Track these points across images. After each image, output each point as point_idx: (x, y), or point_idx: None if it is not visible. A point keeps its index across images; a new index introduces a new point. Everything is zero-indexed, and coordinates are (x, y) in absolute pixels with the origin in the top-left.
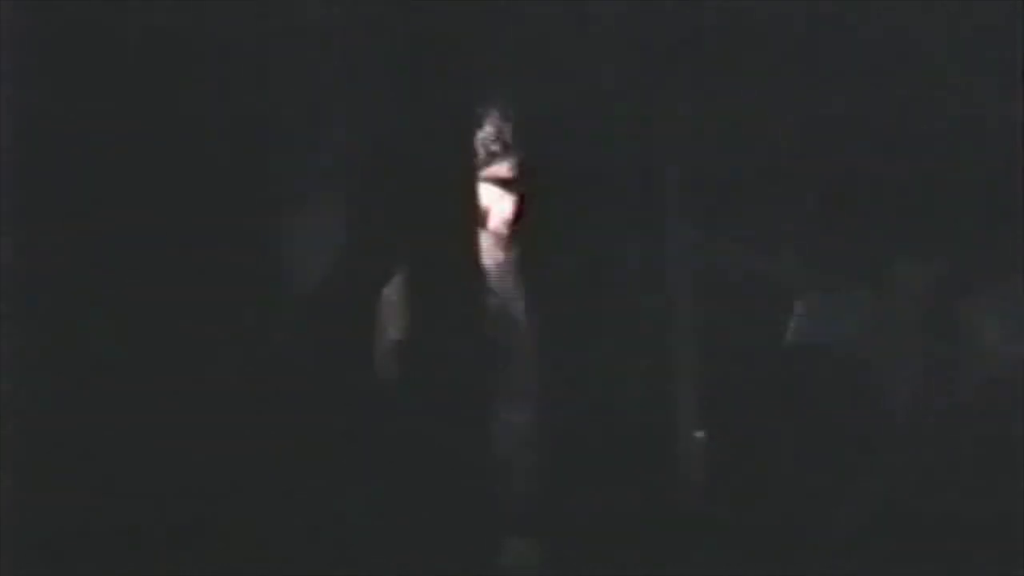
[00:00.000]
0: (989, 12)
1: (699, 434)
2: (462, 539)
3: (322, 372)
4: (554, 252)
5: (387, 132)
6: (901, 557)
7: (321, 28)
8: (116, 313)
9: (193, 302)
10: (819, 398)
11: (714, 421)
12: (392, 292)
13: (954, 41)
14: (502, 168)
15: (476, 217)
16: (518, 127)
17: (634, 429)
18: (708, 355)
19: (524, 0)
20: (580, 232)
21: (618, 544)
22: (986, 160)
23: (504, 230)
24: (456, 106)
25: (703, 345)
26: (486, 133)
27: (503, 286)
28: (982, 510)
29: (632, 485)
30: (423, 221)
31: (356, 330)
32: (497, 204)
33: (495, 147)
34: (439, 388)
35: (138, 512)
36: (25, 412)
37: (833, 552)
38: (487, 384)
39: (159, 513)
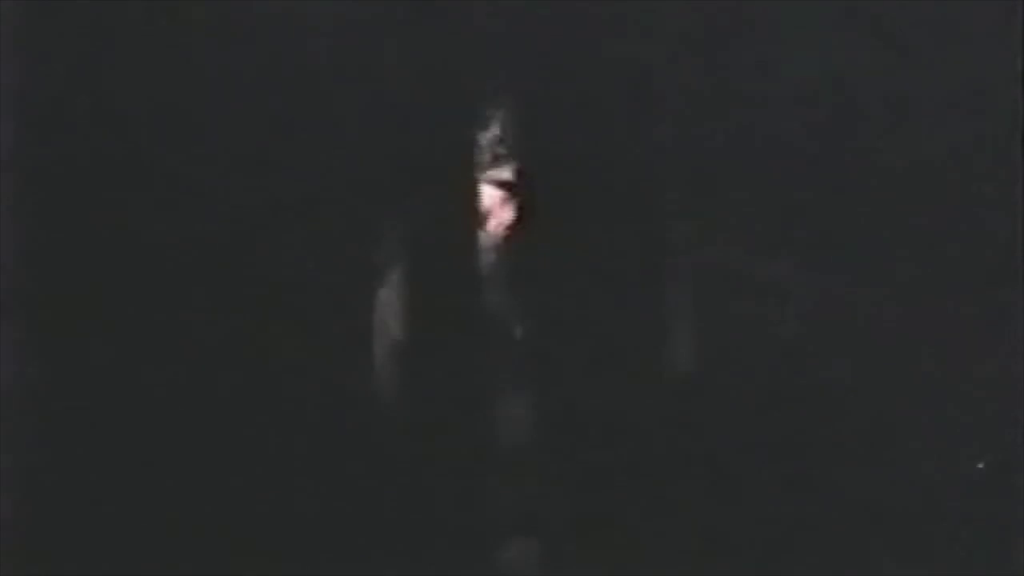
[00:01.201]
0: (988, 11)
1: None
2: (461, 539)
3: (318, 371)
4: (553, 252)
5: (387, 130)
6: (899, 557)
7: (324, 24)
8: (114, 314)
9: (193, 303)
10: (817, 397)
11: (712, 420)
12: (390, 291)
13: (953, 40)
14: (505, 172)
15: (476, 217)
16: (523, 130)
17: (633, 428)
18: (707, 354)
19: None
20: (579, 232)
21: (619, 544)
22: (985, 160)
23: (503, 233)
24: (459, 105)
25: (702, 345)
26: (492, 135)
27: (501, 286)
28: (981, 510)
29: (633, 484)
30: (422, 220)
31: (353, 329)
32: (498, 208)
33: (501, 150)
34: (438, 388)
35: (135, 514)
36: (26, 413)
37: (834, 552)
38: (485, 384)
39: (154, 515)
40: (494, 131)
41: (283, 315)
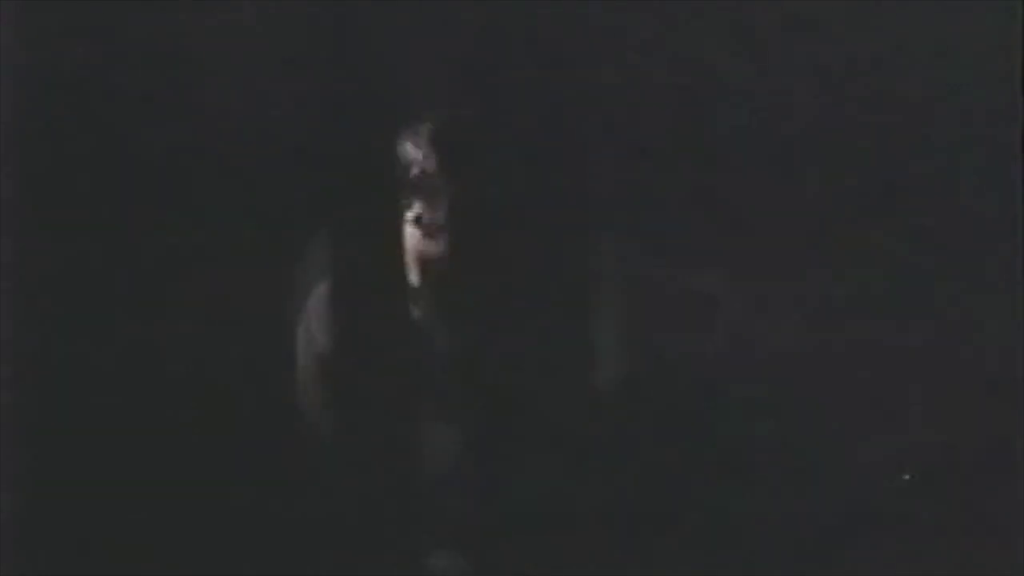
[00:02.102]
0: (988, 11)
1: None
2: (388, 554)
3: (246, 383)
4: (482, 263)
5: (311, 137)
6: (896, 559)
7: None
8: (107, 315)
9: (179, 307)
10: (746, 409)
11: (641, 433)
12: (316, 303)
13: (953, 40)
14: (419, 209)
15: (402, 227)
16: (450, 140)
17: (561, 441)
18: (636, 368)
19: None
20: (509, 242)
21: (547, 557)
22: (984, 162)
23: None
24: (386, 115)
25: (631, 358)
26: (419, 146)
27: (428, 298)
28: (981, 510)
29: (561, 498)
30: (347, 230)
31: (280, 342)
32: (415, 244)
33: (429, 164)
34: (364, 401)
35: (134, 514)
36: (26, 414)
37: (826, 556)
38: (412, 398)
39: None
40: (421, 142)
41: (208, 326)
